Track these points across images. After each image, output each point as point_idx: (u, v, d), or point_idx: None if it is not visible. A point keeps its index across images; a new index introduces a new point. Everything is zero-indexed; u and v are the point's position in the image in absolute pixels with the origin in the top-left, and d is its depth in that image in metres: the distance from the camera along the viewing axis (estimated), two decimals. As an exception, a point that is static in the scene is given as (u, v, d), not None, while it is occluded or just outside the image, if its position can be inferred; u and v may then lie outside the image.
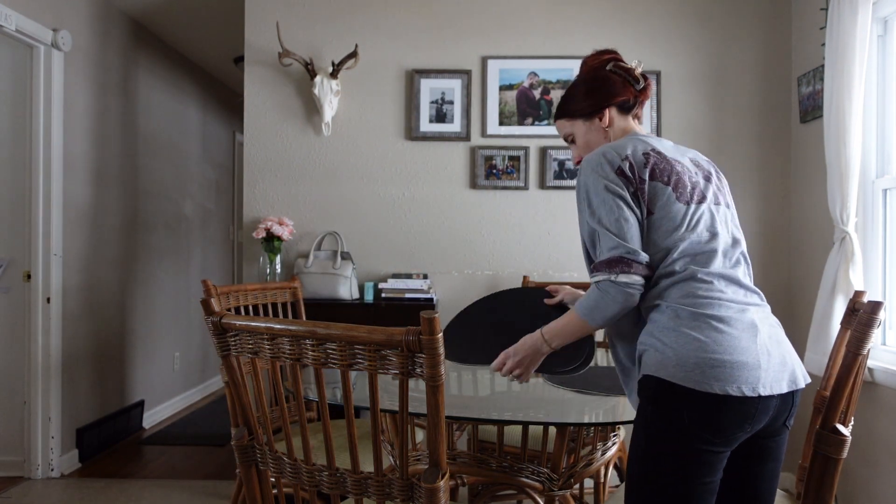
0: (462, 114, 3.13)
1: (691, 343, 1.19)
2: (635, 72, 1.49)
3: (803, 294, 2.98)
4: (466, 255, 3.15)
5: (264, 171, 3.16)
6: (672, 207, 1.30)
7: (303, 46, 3.14)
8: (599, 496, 2.10)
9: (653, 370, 1.21)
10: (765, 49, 3.13)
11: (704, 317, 1.22)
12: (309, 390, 1.70)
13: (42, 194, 3.15)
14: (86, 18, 3.50)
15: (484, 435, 2.21)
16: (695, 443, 1.18)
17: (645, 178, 1.31)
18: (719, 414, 1.16)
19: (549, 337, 1.41)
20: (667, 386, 1.19)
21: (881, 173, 2.53)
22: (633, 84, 1.48)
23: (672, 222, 1.30)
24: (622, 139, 1.40)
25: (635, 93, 1.48)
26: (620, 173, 1.31)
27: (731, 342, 1.19)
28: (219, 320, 1.15)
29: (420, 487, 1.03)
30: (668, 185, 1.32)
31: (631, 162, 1.32)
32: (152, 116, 4.28)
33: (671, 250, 1.28)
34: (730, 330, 1.21)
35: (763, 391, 1.17)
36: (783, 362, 1.23)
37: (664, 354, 1.20)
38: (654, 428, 1.22)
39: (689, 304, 1.24)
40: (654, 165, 1.33)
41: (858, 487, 2.54)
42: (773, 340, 1.24)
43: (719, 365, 1.17)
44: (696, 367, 1.17)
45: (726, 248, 1.32)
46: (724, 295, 1.25)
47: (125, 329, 3.93)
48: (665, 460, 1.21)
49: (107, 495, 2.96)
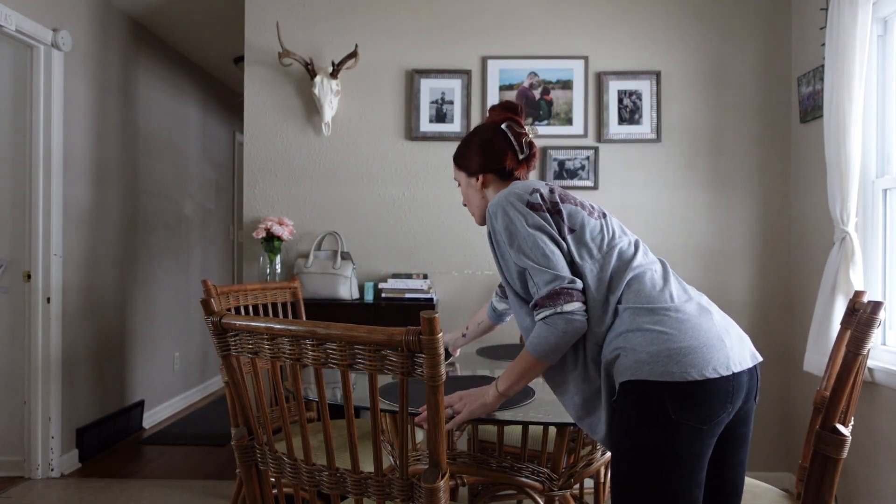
0: (462, 114, 3.13)
1: (658, 337, 1.22)
2: (523, 138, 1.56)
3: (803, 294, 2.98)
4: (466, 255, 3.15)
5: (264, 171, 3.16)
6: (590, 221, 1.39)
7: (303, 46, 3.14)
8: (599, 496, 2.10)
9: (629, 374, 1.22)
10: (765, 49, 3.13)
11: (661, 310, 1.26)
12: (309, 390, 1.70)
13: (42, 194, 3.15)
14: (86, 18, 3.50)
15: (484, 435, 2.21)
16: (684, 434, 1.19)
17: (557, 201, 1.40)
18: (702, 398, 1.19)
19: (501, 383, 1.41)
20: (647, 385, 1.20)
21: (881, 173, 2.53)
22: (517, 151, 1.55)
23: (599, 233, 1.38)
24: (513, 184, 1.46)
25: (516, 161, 1.56)
26: (531, 206, 1.37)
27: (694, 327, 1.24)
28: (219, 320, 1.15)
29: (420, 487, 1.03)
30: (577, 205, 1.41)
31: (539, 193, 1.40)
32: (152, 116, 4.28)
33: (607, 258, 1.34)
34: (687, 317, 1.25)
35: (735, 368, 1.21)
36: (741, 338, 1.29)
37: (636, 355, 1.22)
38: (641, 431, 1.22)
39: (643, 301, 1.28)
40: (559, 193, 1.42)
41: (858, 487, 2.54)
42: (726, 320, 1.32)
43: (690, 352, 1.20)
44: (670, 359, 1.19)
45: (646, 251, 1.41)
46: (668, 288, 1.32)
47: (125, 329, 3.93)
48: (657, 460, 1.21)
49: (107, 495, 2.96)
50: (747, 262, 3.11)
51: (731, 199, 3.12)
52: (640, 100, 3.11)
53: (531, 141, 1.58)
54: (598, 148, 3.12)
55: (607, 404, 1.28)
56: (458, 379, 1.86)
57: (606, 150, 3.13)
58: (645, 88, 3.11)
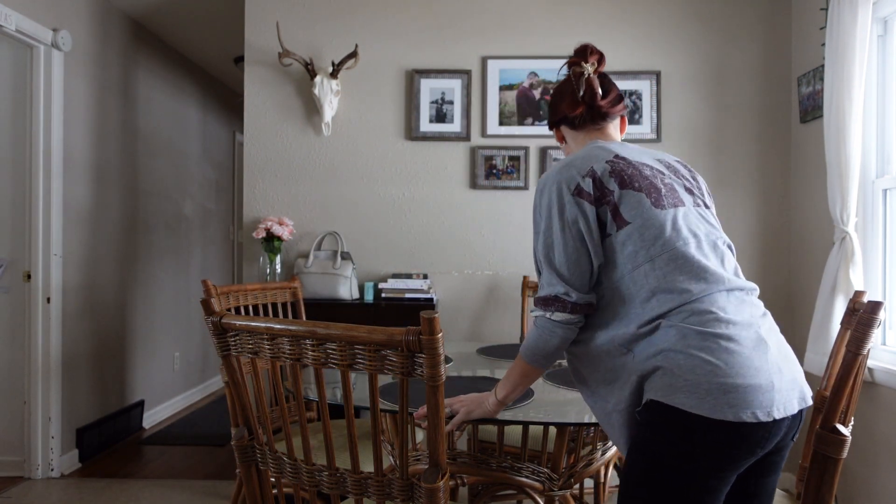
0: (462, 114, 3.13)
1: (701, 367, 1.11)
2: (581, 78, 1.38)
3: (803, 294, 2.98)
4: (466, 255, 3.15)
5: (264, 171, 3.16)
6: (650, 214, 1.23)
7: (303, 46, 3.14)
8: (599, 496, 2.10)
9: (660, 396, 1.13)
10: (765, 49, 3.13)
11: (713, 336, 1.13)
12: (309, 390, 1.70)
13: (42, 194, 3.15)
14: (86, 18, 3.50)
15: (484, 435, 2.21)
16: (703, 472, 1.12)
17: (613, 189, 1.24)
18: (732, 442, 1.10)
19: (499, 390, 1.39)
20: (677, 413, 1.11)
21: (881, 173, 2.53)
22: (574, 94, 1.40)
23: (654, 230, 1.22)
24: (582, 150, 1.34)
25: (575, 105, 1.40)
26: (579, 193, 1.24)
27: (744, 363, 1.11)
28: (219, 320, 1.15)
29: (420, 487, 1.03)
30: (641, 191, 1.24)
31: (593, 177, 1.25)
32: (152, 116, 4.27)
33: (654, 260, 1.20)
34: (740, 349, 1.13)
35: (777, 414, 1.10)
36: (793, 380, 1.16)
37: (673, 379, 1.12)
38: (659, 454, 1.15)
39: (694, 322, 1.15)
40: (621, 172, 1.26)
41: (858, 487, 2.54)
42: (782, 356, 1.18)
43: (732, 390, 1.09)
44: (709, 394, 1.09)
45: (713, 247, 1.25)
46: (728, 306, 1.18)
47: (125, 329, 3.93)
48: (668, 488, 1.14)
49: (107, 495, 2.96)
50: (747, 262, 3.11)
51: (731, 199, 3.12)
52: (640, 100, 3.11)
53: (591, 78, 1.38)
54: (598, 148, 3.11)
55: (628, 411, 1.21)
56: (459, 379, 1.86)
57: (606, 150, 3.12)
58: (645, 88, 3.11)
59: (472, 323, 3.14)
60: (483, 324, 3.14)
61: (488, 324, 3.14)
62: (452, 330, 3.12)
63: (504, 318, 3.14)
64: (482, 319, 3.15)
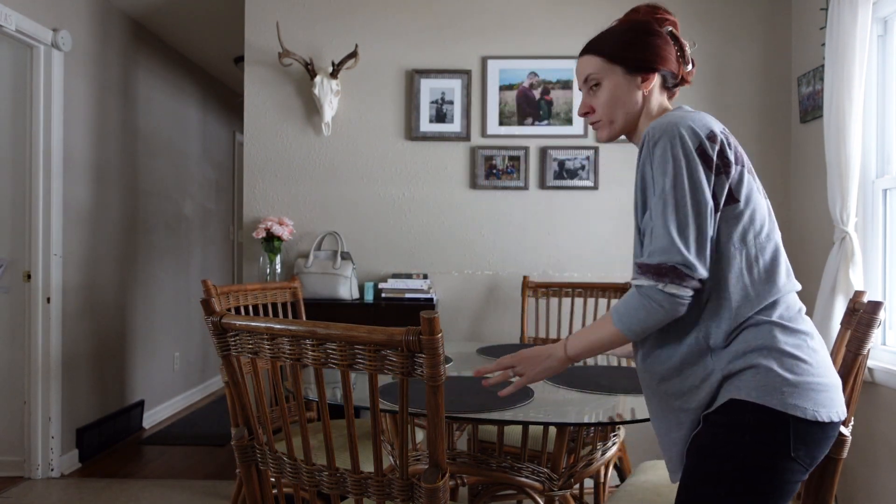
0: (462, 114, 3.13)
1: (799, 366, 1.08)
2: (687, 50, 1.27)
3: (803, 294, 2.96)
4: (466, 255, 3.15)
5: (264, 171, 3.16)
6: (758, 198, 1.14)
7: (303, 46, 3.14)
8: (599, 496, 2.10)
9: (753, 396, 1.07)
10: (765, 49, 3.13)
11: (800, 334, 1.10)
12: (309, 390, 1.70)
13: (42, 194, 3.15)
14: (86, 18, 3.50)
15: (484, 435, 2.21)
16: (789, 473, 1.08)
17: (731, 161, 1.12)
18: (821, 441, 1.08)
19: (572, 345, 1.23)
20: (773, 415, 1.06)
21: (881, 173, 2.53)
22: (683, 62, 1.27)
23: (761, 216, 1.14)
24: (679, 111, 1.18)
25: (680, 72, 1.27)
26: (702, 152, 1.09)
27: (823, 362, 1.10)
28: (219, 320, 1.15)
29: (420, 487, 1.03)
30: (751, 172, 1.15)
31: (717, 142, 1.11)
32: (152, 116, 4.28)
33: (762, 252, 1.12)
34: (820, 348, 1.12)
35: (843, 414, 1.10)
36: None
37: (770, 379, 1.07)
38: (742, 457, 1.08)
39: (787, 319, 1.11)
40: (735, 146, 1.14)
41: (858, 487, 2.54)
42: None
43: (823, 389, 1.08)
44: (805, 394, 1.06)
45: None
46: (797, 303, 1.16)
47: (125, 329, 3.93)
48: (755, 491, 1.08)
49: (107, 495, 2.96)
50: (747, 262, 3.11)
51: (731, 199, 3.12)
52: (640, 100, 3.11)
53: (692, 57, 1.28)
54: (598, 148, 3.12)
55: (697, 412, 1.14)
56: (459, 379, 1.86)
57: (606, 150, 3.13)
58: (645, 88, 3.11)
59: (472, 323, 3.14)
60: (483, 324, 3.15)
61: (488, 324, 3.15)
62: (452, 330, 3.12)
63: (504, 318, 3.14)
64: (482, 319, 3.15)
